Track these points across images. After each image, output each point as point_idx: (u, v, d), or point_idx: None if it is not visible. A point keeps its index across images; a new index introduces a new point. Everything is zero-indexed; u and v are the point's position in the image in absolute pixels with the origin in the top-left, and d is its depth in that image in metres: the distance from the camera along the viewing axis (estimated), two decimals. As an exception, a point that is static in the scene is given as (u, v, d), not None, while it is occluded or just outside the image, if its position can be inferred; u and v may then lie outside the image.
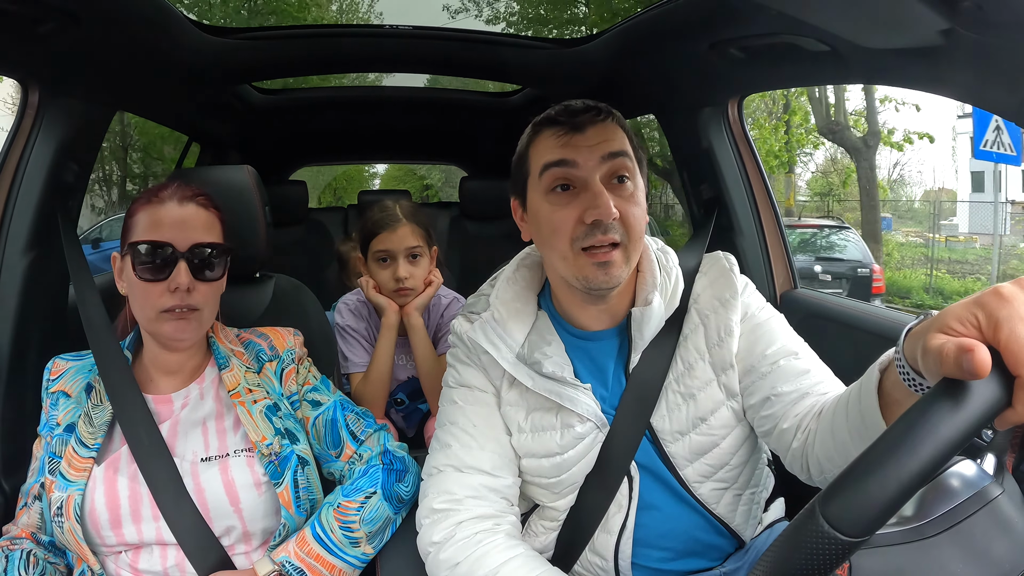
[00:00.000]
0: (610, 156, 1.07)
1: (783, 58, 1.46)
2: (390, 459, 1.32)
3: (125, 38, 1.50)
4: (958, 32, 1.00)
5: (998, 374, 0.55)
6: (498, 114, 3.20)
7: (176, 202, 1.23)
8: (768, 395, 1.10)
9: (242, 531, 1.21)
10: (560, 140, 1.09)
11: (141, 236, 1.20)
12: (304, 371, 1.38)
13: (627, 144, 1.11)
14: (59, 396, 1.26)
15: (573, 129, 1.09)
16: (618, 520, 1.18)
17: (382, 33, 2.09)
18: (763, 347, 1.14)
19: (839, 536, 0.53)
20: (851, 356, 1.11)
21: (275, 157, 3.74)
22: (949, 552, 0.66)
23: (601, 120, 1.10)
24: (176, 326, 1.20)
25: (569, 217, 1.07)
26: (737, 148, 2.01)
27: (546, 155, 1.10)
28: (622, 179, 1.09)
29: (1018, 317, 0.55)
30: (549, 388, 1.13)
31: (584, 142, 1.08)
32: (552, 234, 1.09)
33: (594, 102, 1.12)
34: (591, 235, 1.05)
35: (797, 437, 1.03)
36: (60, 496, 1.15)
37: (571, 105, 1.12)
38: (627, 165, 1.09)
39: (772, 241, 2.02)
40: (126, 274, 1.22)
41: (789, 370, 1.10)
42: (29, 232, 1.52)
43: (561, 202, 1.08)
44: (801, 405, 1.05)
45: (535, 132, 1.14)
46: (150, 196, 1.25)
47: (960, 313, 0.59)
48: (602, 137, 1.08)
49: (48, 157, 1.55)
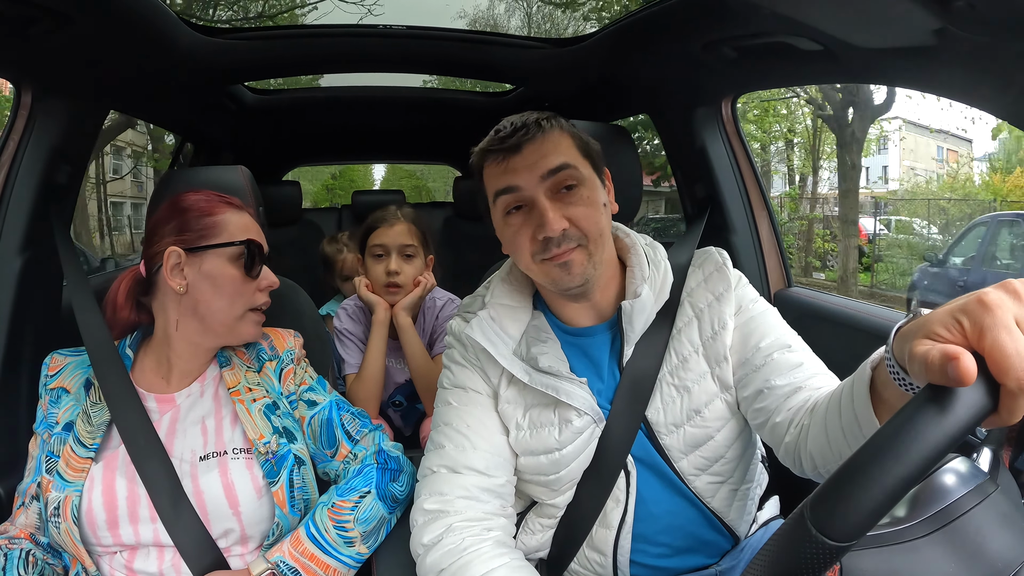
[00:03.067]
0: (550, 173, 1.10)
1: (777, 57, 1.47)
2: (385, 459, 1.32)
3: (118, 38, 1.50)
4: (951, 31, 1.01)
5: (983, 380, 0.55)
6: (493, 114, 3.16)
7: (235, 209, 1.31)
8: (761, 388, 1.11)
9: (240, 534, 1.21)
10: (500, 167, 1.13)
11: (227, 239, 1.26)
12: (301, 371, 1.39)
13: (570, 152, 1.13)
14: (59, 392, 1.25)
15: (509, 152, 1.12)
16: (616, 515, 1.19)
17: (376, 33, 2.08)
18: (757, 340, 1.16)
19: (827, 541, 0.53)
20: (845, 354, 1.11)
21: (269, 157, 3.73)
22: (941, 551, 0.66)
23: (532, 137, 1.12)
24: (259, 323, 1.32)
25: (524, 236, 1.13)
26: (731, 147, 2.02)
27: (493, 183, 1.15)
28: (570, 187, 1.11)
29: (1001, 325, 0.55)
30: (546, 383, 1.15)
31: (523, 163, 1.11)
32: (515, 252, 1.16)
33: (524, 120, 1.14)
34: (547, 250, 1.11)
35: (790, 432, 1.04)
36: (57, 496, 1.15)
37: (502, 129, 1.14)
38: (571, 175, 1.12)
39: (766, 239, 2.03)
40: (207, 270, 1.24)
41: (783, 363, 1.11)
42: (22, 233, 1.52)
43: (516, 223, 1.14)
44: (794, 399, 1.06)
45: (479, 162, 1.18)
46: (222, 204, 1.30)
47: (945, 319, 0.59)
48: (540, 154, 1.11)
49: (41, 157, 1.54)
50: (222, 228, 1.26)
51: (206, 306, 1.24)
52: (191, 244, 1.24)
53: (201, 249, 1.24)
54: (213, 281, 1.24)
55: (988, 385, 0.55)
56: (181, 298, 1.24)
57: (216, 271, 1.24)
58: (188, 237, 1.24)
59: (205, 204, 1.27)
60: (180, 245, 1.23)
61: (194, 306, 1.24)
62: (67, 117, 1.58)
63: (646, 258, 1.21)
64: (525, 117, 1.14)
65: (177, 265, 1.23)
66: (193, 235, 1.24)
